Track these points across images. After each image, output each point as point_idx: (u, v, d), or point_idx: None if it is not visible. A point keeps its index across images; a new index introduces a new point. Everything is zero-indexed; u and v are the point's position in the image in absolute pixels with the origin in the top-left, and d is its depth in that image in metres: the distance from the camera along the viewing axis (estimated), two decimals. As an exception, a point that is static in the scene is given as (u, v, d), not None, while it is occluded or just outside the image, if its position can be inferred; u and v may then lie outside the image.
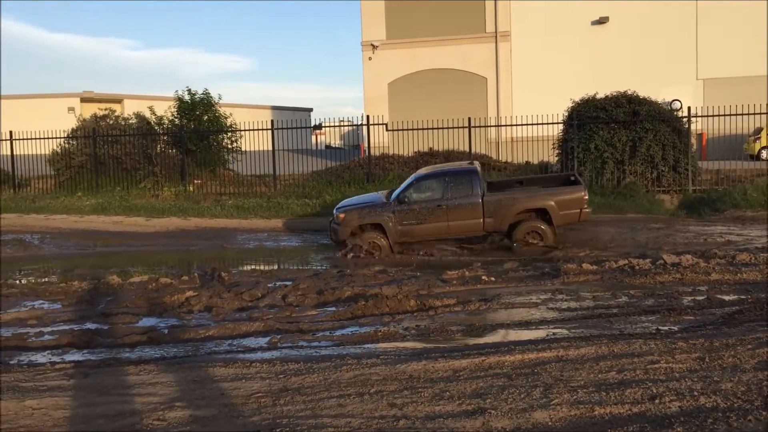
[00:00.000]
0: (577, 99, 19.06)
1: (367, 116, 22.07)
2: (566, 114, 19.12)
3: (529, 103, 24.79)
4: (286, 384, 5.62)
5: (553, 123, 19.08)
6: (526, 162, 21.09)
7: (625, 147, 17.67)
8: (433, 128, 20.17)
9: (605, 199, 16.77)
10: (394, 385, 5.48)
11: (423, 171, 14.13)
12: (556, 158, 19.92)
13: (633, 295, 8.70)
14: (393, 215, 12.91)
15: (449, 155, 20.83)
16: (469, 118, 19.97)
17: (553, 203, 12.67)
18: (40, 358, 6.87)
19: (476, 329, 7.52)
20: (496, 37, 28.26)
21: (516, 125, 20.01)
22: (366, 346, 7.02)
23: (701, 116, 19.29)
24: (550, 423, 4.60)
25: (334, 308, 8.78)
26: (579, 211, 12.64)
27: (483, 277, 10.13)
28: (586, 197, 12.75)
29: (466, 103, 27.21)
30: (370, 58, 29.49)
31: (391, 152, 22.28)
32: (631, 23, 27.35)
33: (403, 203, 12.97)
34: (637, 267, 10.15)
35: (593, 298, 8.68)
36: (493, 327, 7.62)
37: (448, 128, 19.78)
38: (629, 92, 18.47)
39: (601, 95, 18.69)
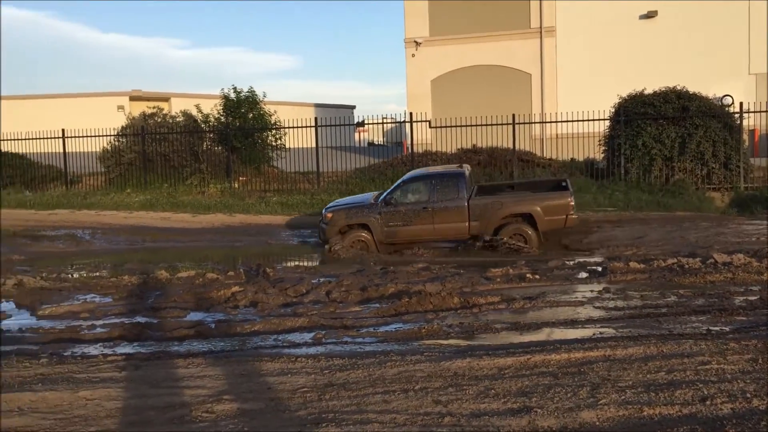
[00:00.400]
0: (624, 95, 18.73)
1: (410, 113, 22.05)
2: (613, 110, 18.81)
3: (574, 100, 24.45)
4: (331, 379, 5.66)
5: (599, 119, 18.77)
6: (571, 159, 20.81)
7: (674, 143, 17.31)
8: (476, 125, 20.05)
9: (653, 197, 16.46)
10: (438, 382, 5.48)
11: (412, 173, 14.19)
12: (602, 155, 19.62)
13: (682, 295, 8.53)
14: (380, 216, 13.04)
15: (492, 152, 20.68)
16: (513, 115, 19.79)
17: (538, 208, 12.56)
18: (93, 350, 7.05)
19: (521, 327, 7.46)
20: (540, 32, 27.92)
21: (561, 122, 19.77)
22: (410, 342, 7.03)
23: (753, 112, 18.74)
24: (597, 423, 4.55)
25: (377, 305, 8.81)
26: (565, 216, 12.49)
27: (527, 275, 10.04)
28: (573, 203, 12.57)
29: (509, 99, 26.95)
30: (413, 55, 29.43)
31: (434, 149, 22.22)
32: (681, 17, 26.73)
33: (390, 205, 13.07)
34: (687, 266, 9.94)
35: (641, 297, 8.54)
36: (538, 325, 7.56)
37: (491, 125, 19.65)
38: (678, 87, 18.08)
39: (649, 91, 18.33)
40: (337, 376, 5.72)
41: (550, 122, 20.87)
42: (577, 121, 18.83)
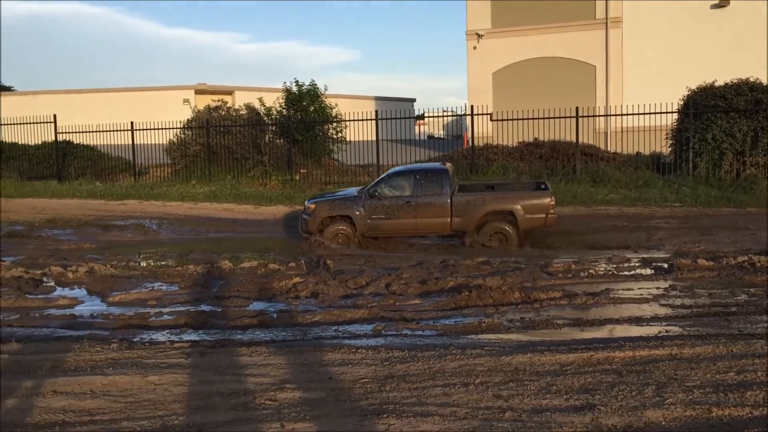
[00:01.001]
0: (693, 87, 18.16)
1: (471, 106, 21.89)
2: (681, 102, 18.26)
3: (640, 92, 23.80)
4: (391, 371, 5.69)
5: (666, 112, 18.24)
6: (637, 153, 20.31)
7: (745, 137, 16.71)
8: (538, 118, 19.77)
9: (722, 192, 15.93)
10: (499, 376, 5.45)
11: (396, 168, 14.29)
12: (670, 149, 19.08)
13: (753, 294, 8.24)
14: (363, 209, 13.07)
15: (555, 146, 20.38)
16: (577, 108, 19.42)
17: (519, 206, 12.61)
18: (160, 336, 7.25)
19: (583, 323, 7.34)
20: (606, 23, 27.29)
21: (626, 114, 19.31)
22: (470, 336, 7.00)
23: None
24: (663, 422, 4.45)
25: (437, 298, 8.80)
26: (545, 215, 12.57)
27: (590, 271, 9.87)
28: (553, 203, 12.67)
29: (572, 92, 26.43)
30: (474, 48, 29.19)
31: (494, 142, 22.00)
32: (754, 6, 25.71)
33: (374, 198, 13.11)
34: (758, 264, 9.60)
35: (709, 295, 8.29)
36: (601, 322, 7.42)
37: (554, 118, 19.33)
38: (751, 79, 17.42)
39: (719, 83, 17.73)
40: (397, 368, 5.75)
41: (615, 115, 20.38)
42: (644, 114, 18.33)
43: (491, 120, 21.31)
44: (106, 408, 4.90)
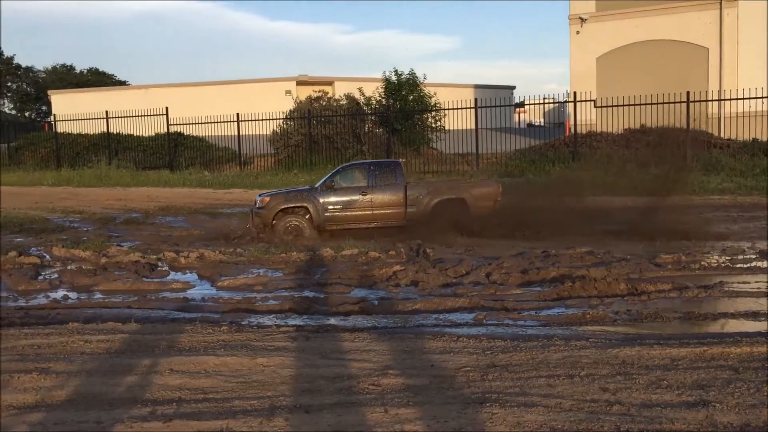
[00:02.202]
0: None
1: (574, 92, 21.33)
2: (804, 85, 17.12)
3: (757, 74, 22.50)
4: (493, 360, 5.66)
5: (787, 95, 17.16)
6: (753, 140, 19.22)
7: None
8: (645, 104, 19.05)
9: None
10: (605, 369, 5.31)
11: (351, 162, 14.66)
12: (790, 135, 17.95)
13: None
14: (320, 201, 13.11)
15: (663, 132, 19.55)
16: (688, 92, 18.55)
17: (470, 195, 13.18)
18: (267, 320, 7.50)
19: (695, 317, 7.03)
20: (720, 2, 25.84)
21: (742, 99, 18.26)
22: (573, 327, 6.85)
23: None
24: (785, 423, 4.21)
25: (539, 288, 8.66)
26: (494, 203, 13.23)
27: (703, 263, 9.44)
28: (500, 191, 13.35)
29: (682, 76, 25.19)
30: (577, 32, 28.36)
31: (598, 130, 21.37)
32: None
33: (330, 189, 13.23)
34: None
35: (836, 290, 7.75)
36: (714, 316, 7.10)
37: (663, 103, 18.58)
38: None
39: None
40: (499, 358, 5.71)
41: (730, 99, 19.35)
42: (761, 98, 17.28)
43: (595, 107, 20.70)
44: (219, 387, 5.13)
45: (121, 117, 27.95)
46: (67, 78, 66.80)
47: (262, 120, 24.66)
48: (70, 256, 11.27)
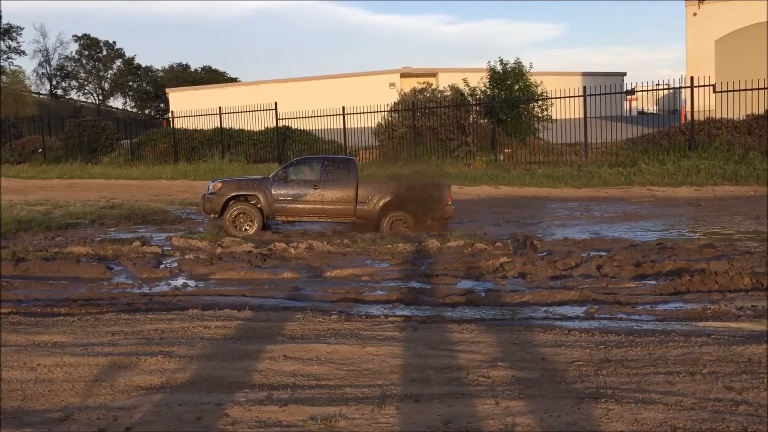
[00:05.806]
0: None
1: (691, 77, 20.28)
2: None
3: None
4: (607, 355, 5.49)
5: None
6: None
7: None
8: (770, 87, 17.86)
9: None
10: (729, 367, 5.04)
11: (306, 156, 14.61)
12: None
13: None
14: (271, 190, 13.25)
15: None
16: (819, 74, 17.27)
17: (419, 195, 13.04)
18: (375, 310, 7.59)
19: (829, 315, 6.56)
20: None
21: None
22: (693, 323, 6.55)
23: None
24: None
25: (653, 282, 8.33)
26: (444, 205, 13.21)
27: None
28: (450, 194, 13.36)
29: (812, 57, 23.48)
30: (694, 14, 26.95)
31: (717, 116, 20.24)
32: None
33: (283, 180, 13.35)
34: None
35: None
36: None
37: (789, 87, 17.35)
38: None
39: None
40: (613, 353, 5.53)
41: None
42: None
43: (714, 92, 19.63)
44: (331, 374, 5.24)
45: (233, 112, 29.07)
46: (183, 76, 70.16)
47: (366, 113, 24.94)
48: (188, 246, 11.82)
